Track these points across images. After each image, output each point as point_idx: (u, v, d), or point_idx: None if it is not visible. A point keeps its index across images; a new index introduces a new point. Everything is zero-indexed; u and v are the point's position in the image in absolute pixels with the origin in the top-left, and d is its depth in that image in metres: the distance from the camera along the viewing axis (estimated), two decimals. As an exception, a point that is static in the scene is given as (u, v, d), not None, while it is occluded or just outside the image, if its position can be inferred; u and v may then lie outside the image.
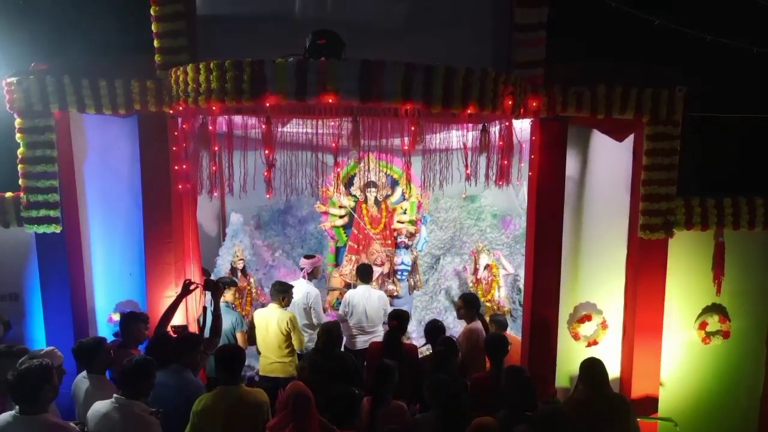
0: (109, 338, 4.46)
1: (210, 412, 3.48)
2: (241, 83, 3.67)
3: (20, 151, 4.67)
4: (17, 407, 3.02)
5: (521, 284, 6.59)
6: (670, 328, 5.19)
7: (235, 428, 3.46)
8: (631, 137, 5.04)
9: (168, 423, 3.45)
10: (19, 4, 4.73)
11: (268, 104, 3.72)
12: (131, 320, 4.47)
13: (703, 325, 5.21)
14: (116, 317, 5.03)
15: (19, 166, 4.69)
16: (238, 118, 4.37)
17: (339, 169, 5.89)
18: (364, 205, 7.37)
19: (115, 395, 3.35)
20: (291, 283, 5.50)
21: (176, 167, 4.50)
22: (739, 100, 4.94)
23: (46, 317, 4.91)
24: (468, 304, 5.22)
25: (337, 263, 7.68)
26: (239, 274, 6.70)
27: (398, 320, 4.74)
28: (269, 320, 5.00)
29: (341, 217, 7.53)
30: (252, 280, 6.95)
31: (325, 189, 7.17)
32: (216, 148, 4.09)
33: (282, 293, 5.08)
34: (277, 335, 4.96)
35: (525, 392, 3.56)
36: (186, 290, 4.61)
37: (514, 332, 6.17)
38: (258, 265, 7.42)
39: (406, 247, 7.49)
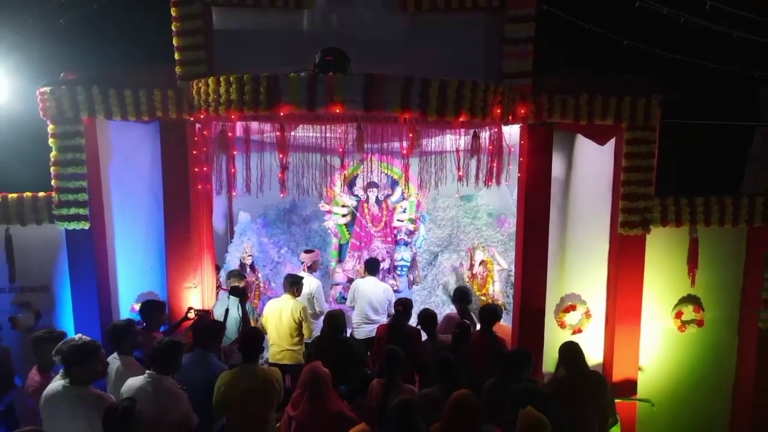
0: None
1: (231, 385, 3.91)
2: (258, 95, 4.09)
3: (53, 154, 5.08)
4: (67, 379, 3.46)
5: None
6: (649, 317, 5.56)
7: (252, 399, 3.89)
8: (612, 141, 5.44)
9: (194, 398, 3.87)
10: (54, 19, 5.10)
11: (282, 113, 4.15)
12: (152, 307, 4.93)
13: (679, 315, 5.58)
14: (138, 307, 5.43)
15: (52, 169, 5.10)
16: (254, 125, 4.78)
17: (345, 171, 6.29)
18: (365, 205, 7.76)
19: (147, 371, 3.76)
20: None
21: (196, 169, 4.91)
22: (711, 107, 5.32)
23: (75, 307, 5.31)
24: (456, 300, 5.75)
25: (340, 259, 8.07)
26: (248, 269, 7.10)
27: (403, 306, 5.16)
28: (283, 309, 5.40)
29: (344, 215, 7.91)
30: (260, 275, 7.34)
31: (329, 189, 7.60)
32: (234, 152, 4.50)
33: (295, 285, 5.50)
34: (290, 323, 5.37)
35: (521, 363, 3.99)
36: (185, 318, 5.10)
37: (506, 323, 6.58)
38: (265, 261, 7.79)
39: (406, 244, 7.90)
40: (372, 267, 6.41)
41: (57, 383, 3.52)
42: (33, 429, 2.91)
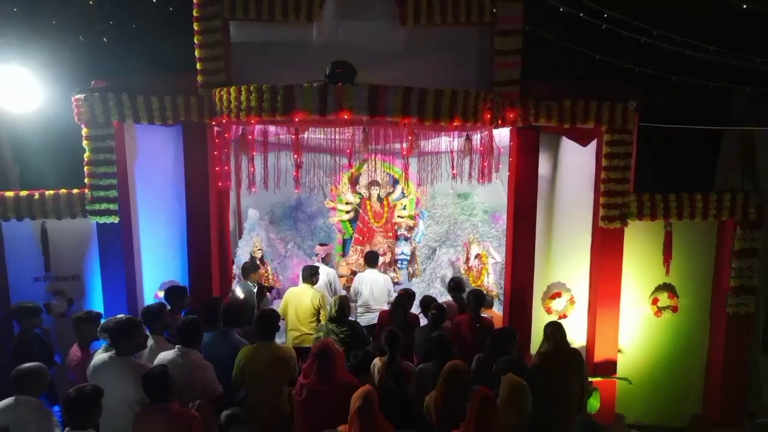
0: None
1: (251, 360, 4.40)
2: (275, 102, 4.62)
3: (86, 155, 5.61)
4: (113, 351, 3.98)
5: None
6: (628, 303, 6.05)
7: (270, 372, 4.38)
8: (594, 143, 5.94)
9: (221, 370, 4.35)
10: (82, 31, 5.58)
11: (296, 119, 4.68)
12: (176, 292, 5.44)
13: (655, 301, 6.08)
14: (161, 294, 5.95)
15: (85, 168, 5.61)
16: (270, 128, 5.31)
17: (352, 169, 6.81)
18: (368, 202, 8.25)
19: (177, 346, 4.29)
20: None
21: (217, 168, 5.43)
22: (687, 113, 5.81)
23: (105, 293, 5.82)
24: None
25: (344, 253, 8.55)
26: (258, 262, 7.60)
27: (406, 293, 5.66)
28: (303, 297, 5.86)
29: (348, 212, 8.40)
30: (269, 268, 7.84)
31: (334, 187, 8.11)
32: (253, 153, 5.03)
33: (313, 275, 5.99)
34: (310, 310, 5.83)
35: (507, 339, 4.53)
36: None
37: (499, 311, 7.07)
38: (273, 255, 8.25)
39: (406, 239, 8.37)
40: (371, 259, 6.85)
41: (104, 355, 4.05)
42: (92, 386, 3.41)
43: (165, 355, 4.25)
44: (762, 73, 5.30)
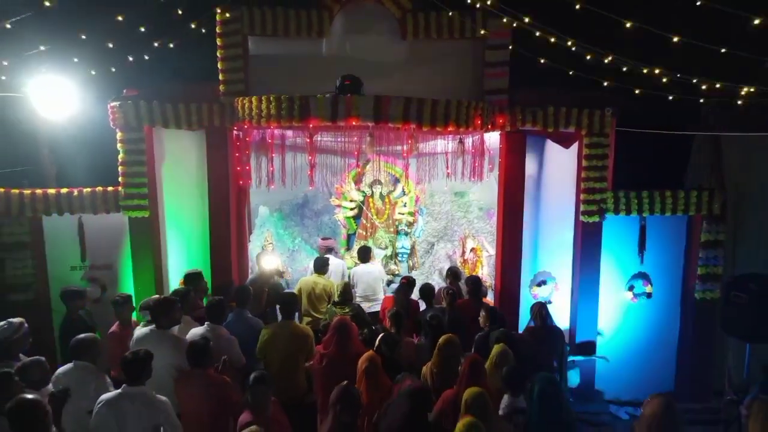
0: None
1: (273, 338, 4.98)
2: (293, 110, 5.28)
3: (120, 156, 6.25)
4: (154, 325, 4.62)
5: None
6: (606, 289, 6.67)
7: (290, 348, 4.97)
8: (575, 145, 6.58)
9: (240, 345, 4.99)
10: (112, 41, 6.14)
11: (311, 125, 5.34)
12: (197, 278, 6.07)
13: (631, 288, 6.72)
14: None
15: (119, 168, 6.26)
16: (287, 132, 5.97)
17: (359, 168, 7.45)
18: (371, 199, 8.81)
19: (206, 323, 4.92)
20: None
21: (238, 168, 6.08)
22: (658, 118, 6.43)
23: (136, 280, 6.47)
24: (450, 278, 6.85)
25: (349, 247, 9.14)
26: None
27: (407, 280, 6.28)
28: (316, 285, 6.40)
29: (352, 209, 8.93)
30: (279, 260, 8.44)
31: (339, 186, 8.72)
32: (272, 154, 5.70)
33: (325, 266, 6.57)
34: (322, 296, 6.41)
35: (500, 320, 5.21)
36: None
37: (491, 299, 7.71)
38: (282, 249, 8.83)
39: (406, 234, 8.88)
40: (362, 255, 7.28)
41: (145, 329, 4.68)
42: (144, 350, 4.04)
43: (197, 331, 4.88)
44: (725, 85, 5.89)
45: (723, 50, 4.89)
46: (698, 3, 4.72)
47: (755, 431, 3.38)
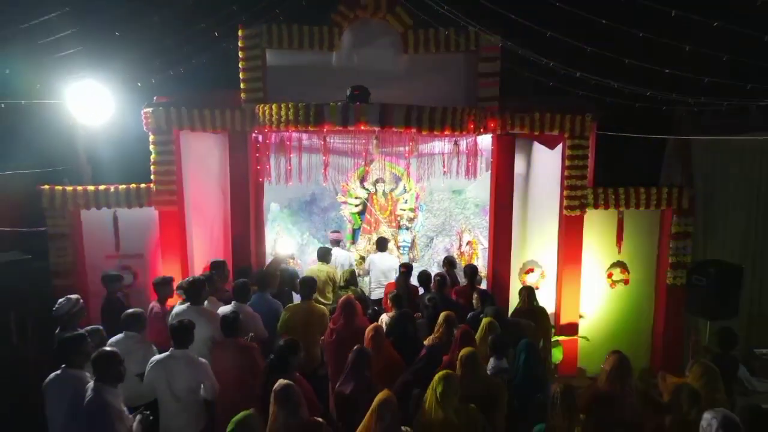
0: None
1: (293, 317, 5.67)
2: (308, 117, 6.02)
3: (152, 156, 6.96)
4: (188, 302, 5.34)
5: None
6: (587, 276, 7.34)
7: (309, 325, 5.63)
8: (559, 146, 7.28)
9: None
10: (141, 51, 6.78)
11: (324, 129, 6.09)
12: (221, 265, 6.78)
13: (610, 275, 7.40)
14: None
15: (152, 167, 6.96)
16: (303, 135, 6.69)
17: (367, 167, 8.20)
18: (375, 196, 9.48)
19: (233, 302, 5.65)
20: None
21: (258, 167, 6.80)
22: (636, 121, 7.11)
23: (164, 268, 7.17)
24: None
25: (354, 241, 9.83)
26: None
27: (406, 268, 6.97)
28: (320, 272, 7.00)
29: (357, 205, 9.55)
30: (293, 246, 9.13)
31: (345, 184, 9.42)
32: (290, 155, 6.44)
33: (328, 255, 7.25)
34: (326, 283, 7.07)
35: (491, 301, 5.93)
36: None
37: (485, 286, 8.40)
38: (291, 243, 9.58)
39: (407, 228, 9.52)
40: (381, 244, 8.07)
41: (182, 305, 5.40)
42: (188, 319, 4.76)
43: (225, 308, 5.60)
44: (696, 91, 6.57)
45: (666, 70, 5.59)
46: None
47: (695, 384, 4.10)
